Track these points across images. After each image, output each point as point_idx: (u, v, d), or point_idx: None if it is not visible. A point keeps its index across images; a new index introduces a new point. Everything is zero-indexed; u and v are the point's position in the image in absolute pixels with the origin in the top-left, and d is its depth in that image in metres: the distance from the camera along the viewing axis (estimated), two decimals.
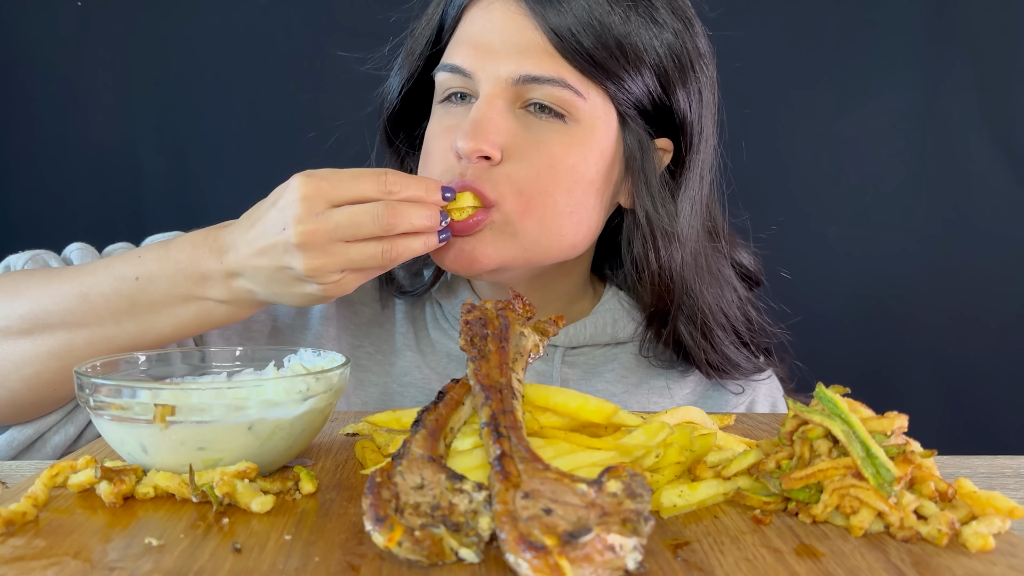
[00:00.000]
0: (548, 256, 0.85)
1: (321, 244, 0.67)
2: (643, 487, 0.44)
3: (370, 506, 0.43)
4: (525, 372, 0.59)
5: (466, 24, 0.84)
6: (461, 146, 0.78)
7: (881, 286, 1.51)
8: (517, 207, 0.80)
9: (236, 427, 0.54)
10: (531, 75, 0.79)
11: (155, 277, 0.73)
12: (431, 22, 0.88)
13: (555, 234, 0.82)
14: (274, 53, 1.49)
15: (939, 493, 0.49)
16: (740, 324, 0.93)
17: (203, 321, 0.75)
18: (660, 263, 0.86)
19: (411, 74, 0.90)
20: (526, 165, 0.80)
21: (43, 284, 0.77)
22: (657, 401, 0.95)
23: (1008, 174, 1.47)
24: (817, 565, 0.43)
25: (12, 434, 0.81)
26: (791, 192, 1.49)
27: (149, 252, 0.75)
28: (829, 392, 0.54)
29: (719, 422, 0.73)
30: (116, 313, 0.73)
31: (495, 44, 0.80)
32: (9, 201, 1.47)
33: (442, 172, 0.81)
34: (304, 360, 0.66)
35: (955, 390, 1.50)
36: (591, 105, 0.81)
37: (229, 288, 0.73)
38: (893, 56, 1.47)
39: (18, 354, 0.75)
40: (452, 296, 0.97)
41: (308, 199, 0.68)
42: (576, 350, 0.96)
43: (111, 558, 0.43)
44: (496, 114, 0.79)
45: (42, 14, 1.45)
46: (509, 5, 0.81)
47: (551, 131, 0.81)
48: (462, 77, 0.82)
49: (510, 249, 0.81)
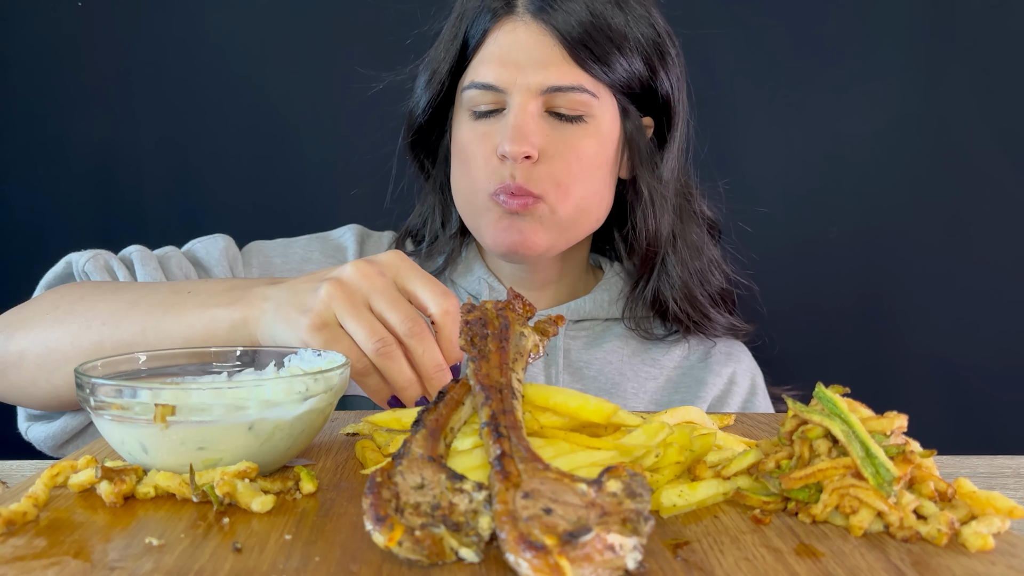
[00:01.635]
0: (581, 233, 1.01)
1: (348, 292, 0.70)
2: (643, 487, 0.44)
3: (370, 506, 0.43)
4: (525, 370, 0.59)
5: (491, 45, 0.96)
6: (509, 149, 0.91)
7: (881, 286, 1.51)
8: (558, 197, 0.95)
9: (236, 427, 0.54)
10: (555, 85, 0.93)
11: (201, 291, 0.78)
12: (454, 44, 0.99)
13: (587, 214, 0.99)
14: (275, 53, 1.49)
15: (939, 493, 0.49)
16: (711, 278, 1.07)
17: (207, 335, 0.77)
18: (648, 225, 1.02)
19: (438, 93, 1.01)
20: (559, 161, 0.94)
21: (106, 291, 0.83)
22: (648, 371, 1.08)
23: (1008, 174, 1.47)
24: (817, 565, 0.43)
25: (66, 420, 0.88)
26: (791, 192, 1.49)
27: (223, 278, 0.85)
28: (829, 392, 0.54)
29: (719, 422, 0.73)
30: (147, 321, 0.78)
31: (522, 60, 0.93)
32: (9, 201, 1.47)
33: (488, 174, 0.95)
34: (304, 360, 0.66)
35: (955, 390, 1.50)
36: (602, 101, 0.96)
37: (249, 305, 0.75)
38: (893, 56, 1.47)
39: (61, 352, 0.80)
40: (469, 274, 1.09)
41: (390, 263, 0.73)
42: (578, 323, 1.08)
43: (111, 558, 0.43)
44: (531, 120, 0.93)
45: (42, 14, 1.45)
46: (530, 25, 0.94)
47: (574, 129, 0.95)
48: (493, 92, 0.95)
49: (554, 233, 0.97)
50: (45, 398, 0.83)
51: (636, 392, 1.06)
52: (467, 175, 0.98)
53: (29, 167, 1.47)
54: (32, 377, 0.82)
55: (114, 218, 1.46)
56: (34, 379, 0.82)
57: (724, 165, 1.13)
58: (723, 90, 1.46)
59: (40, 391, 0.83)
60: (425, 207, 1.12)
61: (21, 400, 0.86)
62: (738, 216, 1.16)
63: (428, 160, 1.10)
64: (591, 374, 1.05)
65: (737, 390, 1.09)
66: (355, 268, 0.71)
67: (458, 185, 1.01)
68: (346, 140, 1.47)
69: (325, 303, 0.70)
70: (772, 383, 1.14)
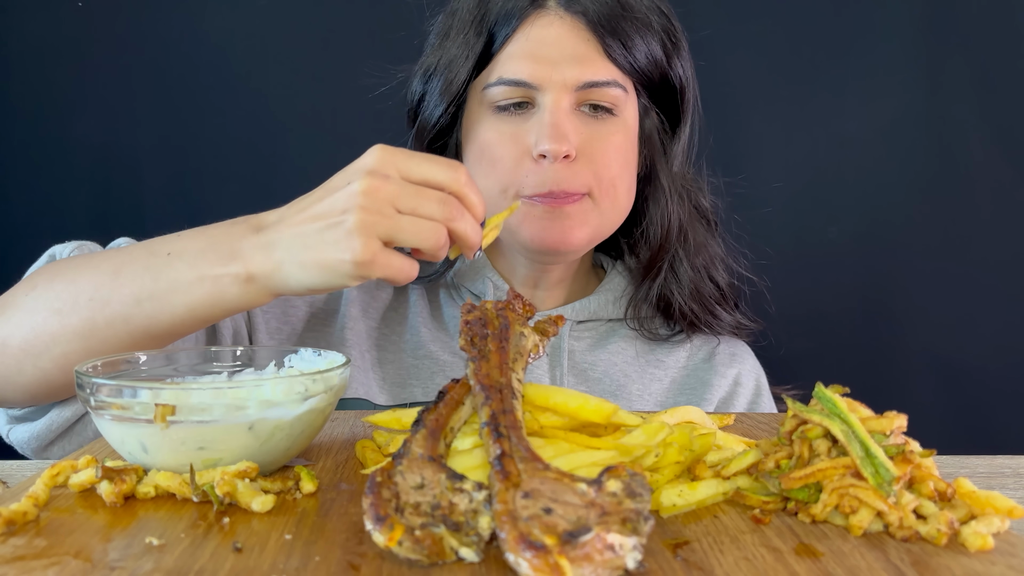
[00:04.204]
0: (615, 225, 1.00)
1: (381, 203, 0.64)
2: (643, 487, 0.44)
3: (370, 505, 0.43)
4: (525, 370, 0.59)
5: (520, 40, 0.93)
6: (548, 148, 0.89)
7: (881, 286, 1.51)
8: (598, 192, 0.93)
9: (236, 427, 0.54)
10: (591, 81, 0.91)
11: (185, 252, 0.71)
12: (475, 43, 0.95)
13: (620, 205, 0.98)
14: (275, 53, 1.49)
15: (938, 493, 0.49)
16: (716, 273, 1.05)
17: (214, 304, 0.71)
18: (663, 220, 1.01)
19: (456, 95, 0.97)
20: (597, 157, 0.93)
21: (83, 264, 0.77)
22: (653, 372, 1.06)
23: (1008, 174, 1.47)
24: (817, 565, 0.43)
25: (52, 416, 0.82)
26: (791, 192, 1.49)
27: (188, 231, 0.75)
28: (828, 392, 0.54)
29: (719, 422, 0.73)
30: (139, 291, 0.72)
31: (555, 55, 0.91)
32: (9, 201, 1.47)
33: (521, 174, 0.92)
34: (304, 360, 0.67)
35: (955, 390, 1.50)
36: (628, 95, 0.95)
37: (255, 262, 0.69)
38: (893, 56, 1.47)
39: (48, 333, 0.74)
40: (476, 277, 1.06)
41: (382, 163, 0.66)
42: (582, 324, 1.06)
43: (112, 558, 0.43)
44: (567, 118, 0.91)
45: (42, 14, 1.45)
46: (564, 19, 0.92)
47: (606, 124, 0.94)
48: (524, 88, 0.91)
49: (593, 227, 0.95)
50: (33, 385, 0.78)
51: (641, 394, 1.04)
52: (493, 174, 0.94)
53: (29, 167, 1.47)
54: (17, 364, 0.76)
55: (113, 218, 1.46)
56: (19, 366, 0.76)
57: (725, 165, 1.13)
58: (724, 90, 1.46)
59: (26, 378, 0.77)
60: None
61: (5, 392, 0.80)
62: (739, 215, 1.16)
63: None
64: (596, 376, 1.03)
65: (742, 392, 1.07)
66: (368, 181, 0.65)
67: (480, 184, 0.94)
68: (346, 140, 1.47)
69: (366, 230, 0.64)
70: (773, 383, 1.13)
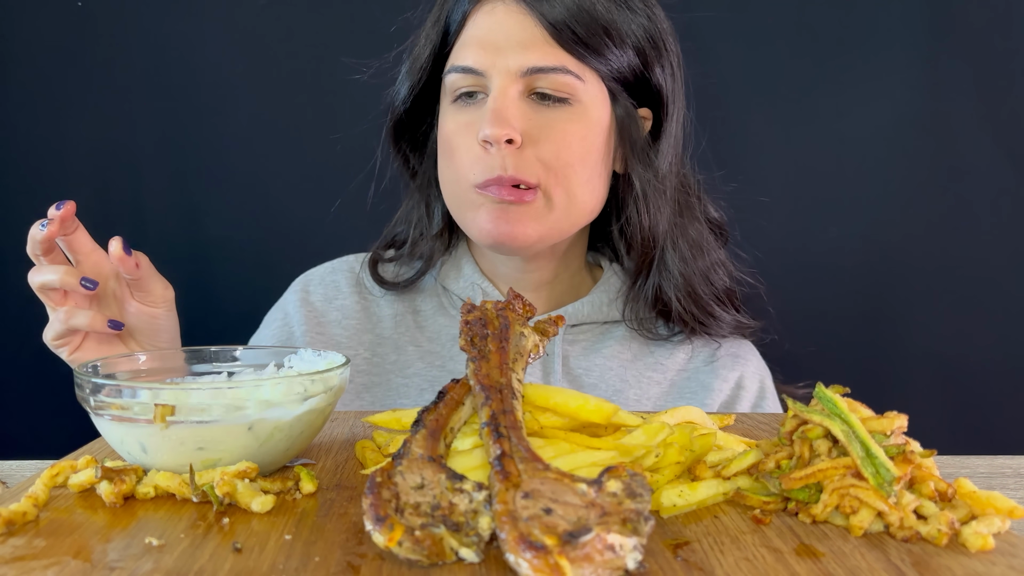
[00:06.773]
0: (574, 225, 0.97)
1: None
2: (643, 487, 0.44)
3: (370, 506, 0.43)
4: (525, 370, 0.59)
5: (471, 28, 0.93)
6: (488, 133, 0.88)
7: (881, 286, 1.51)
8: (550, 183, 0.91)
9: (236, 427, 0.54)
10: (537, 66, 0.89)
11: None
12: (435, 29, 0.96)
13: (579, 201, 0.94)
14: (275, 53, 1.49)
15: (939, 493, 0.49)
16: (715, 277, 1.03)
17: None
18: (643, 220, 0.98)
19: (419, 80, 0.98)
20: (546, 145, 0.90)
21: None
22: (650, 376, 1.03)
23: (1008, 174, 1.47)
24: (817, 565, 0.43)
25: None
26: (791, 192, 1.49)
27: None
28: (829, 392, 0.54)
29: (719, 422, 0.73)
30: None
31: (501, 42, 0.90)
32: (9, 201, 1.47)
33: (472, 163, 0.91)
34: (304, 360, 0.66)
35: (955, 390, 1.50)
36: (588, 85, 0.92)
37: None
38: (893, 56, 1.47)
39: None
40: (459, 277, 1.05)
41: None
42: (576, 328, 1.04)
43: (111, 558, 0.43)
44: (511, 103, 0.89)
45: (42, 14, 1.45)
46: (509, 6, 0.91)
47: (559, 112, 0.91)
48: (473, 76, 0.91)
49: (546, 223, 0.93)
50: None
51: (639, 399, 1.01)
52: (452, 166, 0.94)
53: (29, 167, 1.47)
54: None
55: (113, 218, 1.46)
56: None
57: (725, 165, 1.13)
58: (725, 90, 1.46)
59: None
60: (409, 206, 1.09)
61: None
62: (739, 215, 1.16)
63: (414, 155, 1.06)
64: (591, 382, 1.01)
65: (745, 395, 1.04)
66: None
67: (444, 177, 0.97)
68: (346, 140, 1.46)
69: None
70: (782, 382, 1.10)
